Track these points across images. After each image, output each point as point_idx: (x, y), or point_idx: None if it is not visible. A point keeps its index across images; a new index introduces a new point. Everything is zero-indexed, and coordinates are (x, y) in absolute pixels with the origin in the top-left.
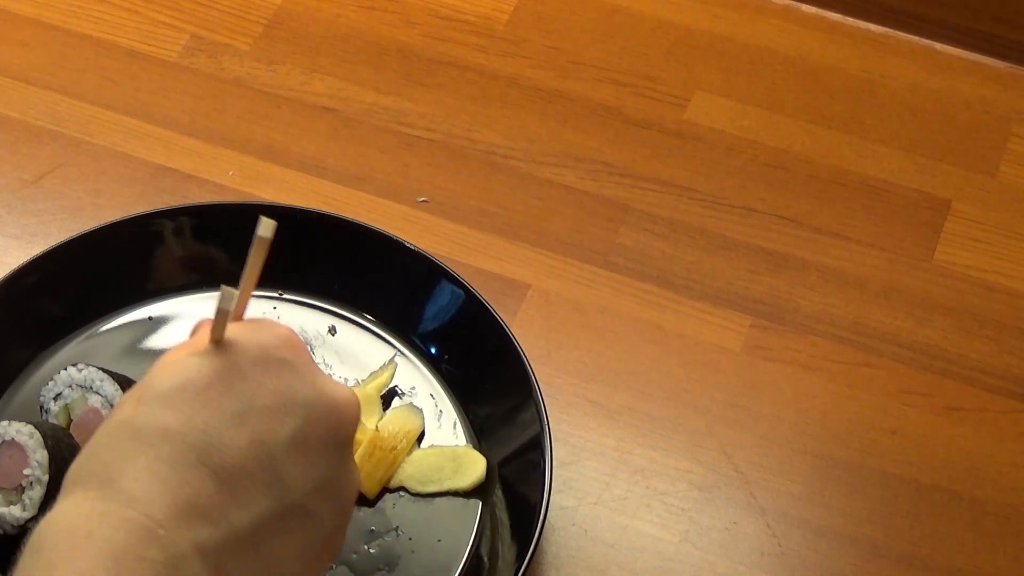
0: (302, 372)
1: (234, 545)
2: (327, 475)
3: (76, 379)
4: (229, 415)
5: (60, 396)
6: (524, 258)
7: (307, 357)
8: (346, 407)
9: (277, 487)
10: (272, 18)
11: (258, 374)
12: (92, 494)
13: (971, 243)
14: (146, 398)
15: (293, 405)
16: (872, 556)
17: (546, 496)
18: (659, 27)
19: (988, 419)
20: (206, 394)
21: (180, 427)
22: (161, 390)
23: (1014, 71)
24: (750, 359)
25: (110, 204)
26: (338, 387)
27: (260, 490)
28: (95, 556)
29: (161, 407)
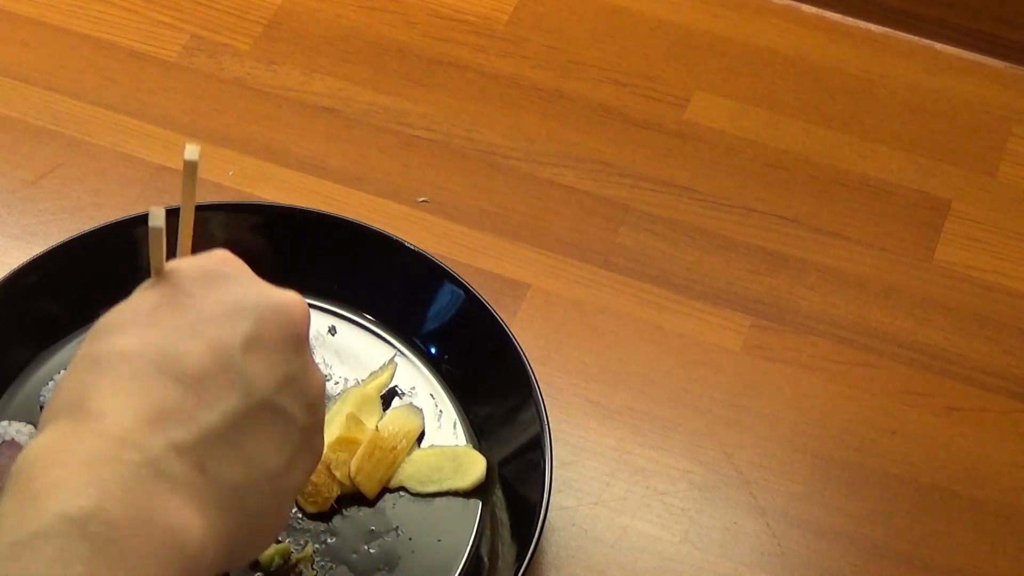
0: (245, 282)
1: (210, 441)
2: (288, 372)
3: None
4: (182, 328)
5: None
6: (524, 258)
7: (247, 271)
8: (294, 307)
9: (241, 385)
10: (272, 18)
11: (202, 291)
12: (62, 423)
13: (971, 243)
14: (99, 332)
15: (242, 310)
16: (872, 556)
17: (546, 496)
18: (659, 27)
19: (988, 419)
20: (155, 315)
21: (135, 347)
22: (112, 322)
23: (1014, 71)
24: (750, 359)
25: (110, 204)
26: (283, 291)
27: (225, 389)
28: (72, 465)
29: (114, 335)
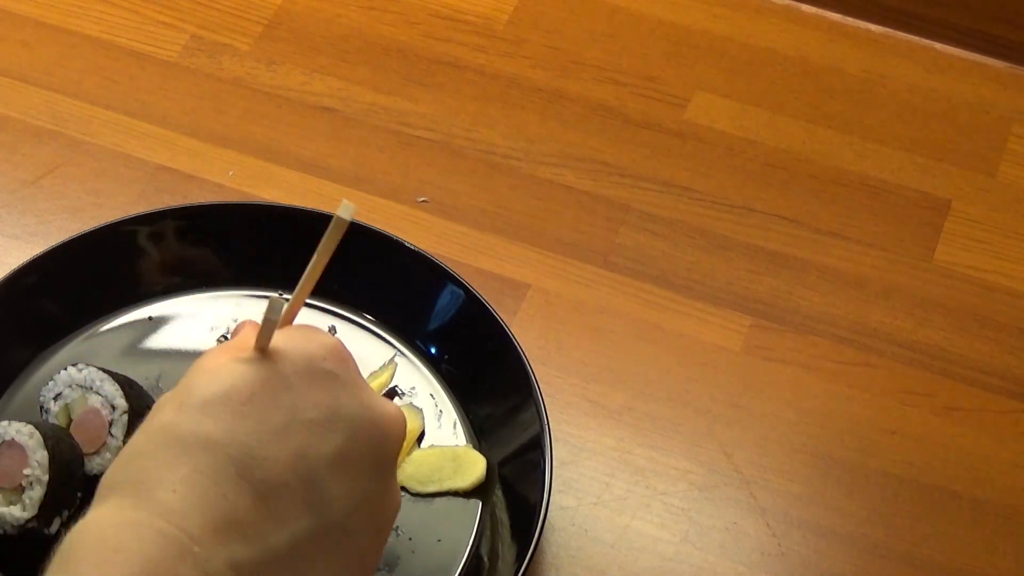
0: (348, 386)
1: (269, 564)
2: (368, 494)
3: (76, 379)
4: (272, 428)
5: (60, 396)
6: (524, 258)
7: (354, 370)
8: (392, 424)
9: (317, 505)
10: (272, 18)
11: (303, 386)
12: (126, 502)
13: (971, 243)
14: (187, 404)
15: (338, 420)
16: (872, 556)
17: (546, 496)
18: (659, 27)
19: (988, 419)
20: (249, 404)
21: (221, 438)
22: (203, 397)
23: (1014, 71)
24: (750, 359)
25: (110, 204)
26: (385, 403)
27: (300, 507)
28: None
29: (202, 415)
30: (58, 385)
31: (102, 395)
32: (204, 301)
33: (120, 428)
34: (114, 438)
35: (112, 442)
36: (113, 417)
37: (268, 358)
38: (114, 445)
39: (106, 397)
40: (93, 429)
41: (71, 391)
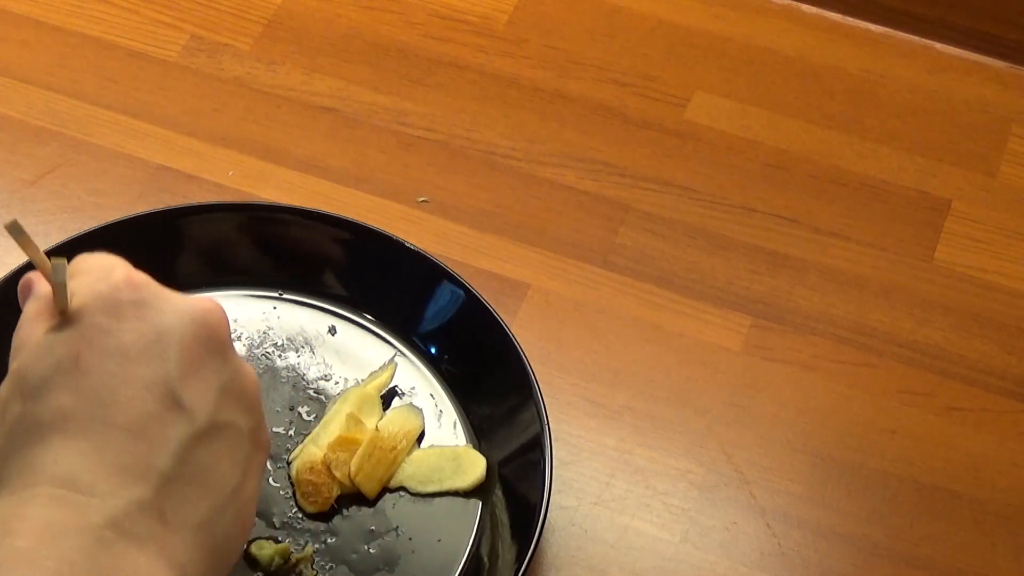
0: (156, 303)
1: (167, 486)
2: (221, 383)
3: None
4: (112, 372)
5: None
6: (524, 258)
7: (152, 286)
8: (210, 314)
9: (183, 415)
10: (272, 18)
11: (117, 324)
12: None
13: (971, 243)
14: (28, 391)
15: (163, 335)
16: (872, 556)
17: (546, 496)
18: (659, 27)
19: (988, 419)
20: (81, 363)
21: (73, 402)
22: (39, 378)
23: (1014, 71)
24: (750, 359)
25: (110, 204)
26: (193, 300)
27: (170, 426)
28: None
29: (47, 392)
30: None
31: None
32: None
33: None
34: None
35: None
36: None
37: (73, 315)
38: None
39: None
40: None
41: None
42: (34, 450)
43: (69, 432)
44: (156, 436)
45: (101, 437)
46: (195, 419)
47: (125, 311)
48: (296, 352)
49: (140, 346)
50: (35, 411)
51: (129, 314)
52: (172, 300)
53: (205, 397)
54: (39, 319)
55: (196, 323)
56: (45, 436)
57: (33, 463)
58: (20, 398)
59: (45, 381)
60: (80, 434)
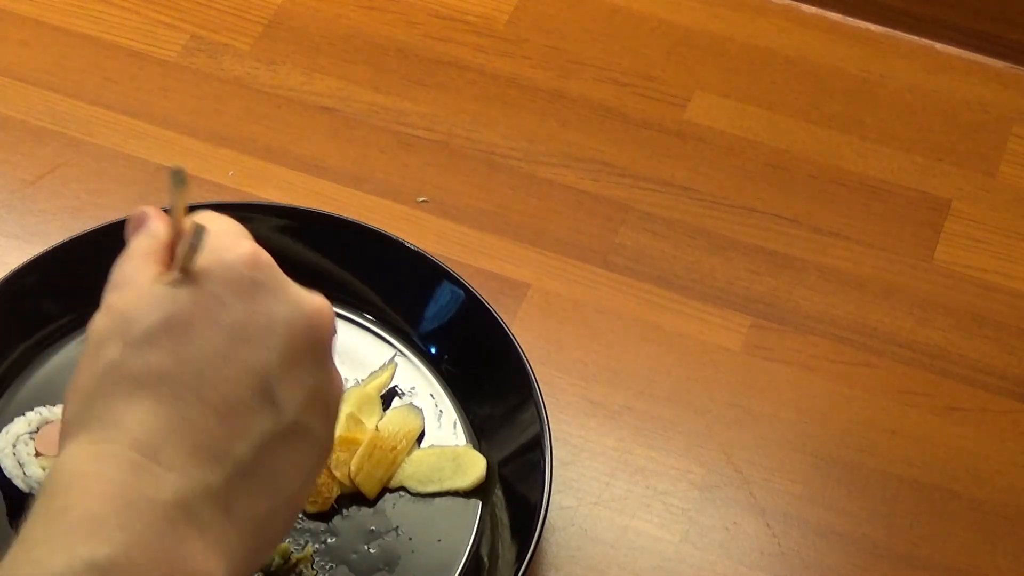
0: (275, 289)
1: (239, 478)
2: (314, 386)
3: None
4: (217, 348)
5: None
6: (524, 258)
7: (274, 270)
8: (321, 315)
9: (272, 410)
10: (272, 18)
11: (235, 300)
12: (97, 436)
13: (971, 243)
14: (131, 339)
15: (274, 325)
16: (872, 556)
17: (546, 496)
18: (659, 27)
19: (988, 419)
20: (190, 330)
21: (172, 368)
22: (145, 330)
23: (1014, 71)
24: (750, 359)
25: (110, 204)
26: (311, 296)
27: (257, 417)
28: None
29: (149, 348)
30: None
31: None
32: None
33: None
34: None
35: None
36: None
37: (194, 277)
38: None
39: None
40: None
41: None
42: (122, 404)
43: (161, 397)
44: (241, 424)
45: (190, 411)
46: (281, 417)
47: (244, 289)
48: None
49: (250, 329)
50: (133, 363)
51: (247, 293)
52: (289, 289)
53: (296, 397)
54: (148, 260)
55: (306, 319)
56: (136, 393)
57: (118, 418)
58: (120, 342)
59: (150, 335)
60: (171, 402)
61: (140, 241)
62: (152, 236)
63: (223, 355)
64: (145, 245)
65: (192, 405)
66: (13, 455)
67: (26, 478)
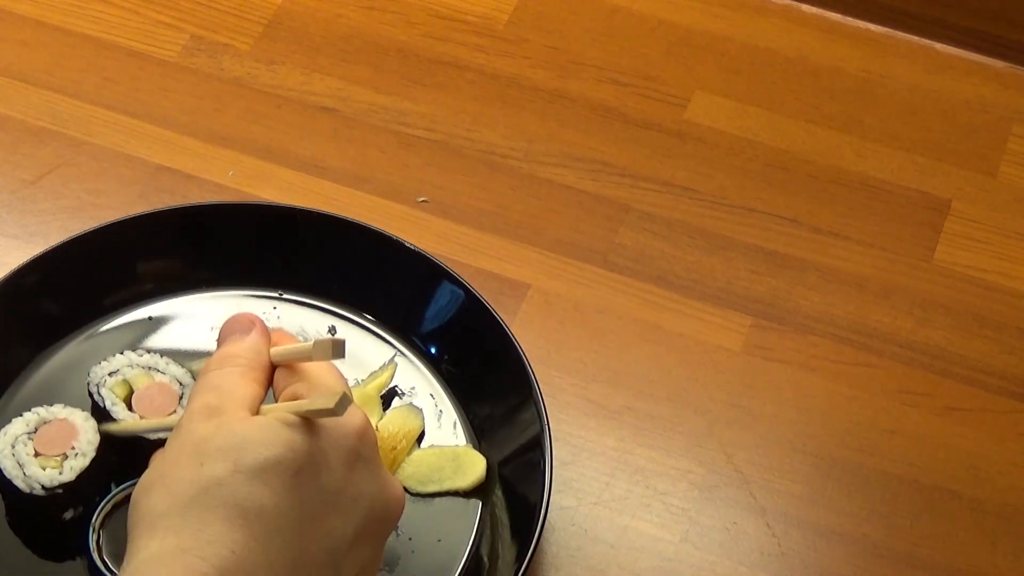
0: (372, 468)
1: None
2: (370, 559)
3: (136, 361)
4: (312, 507)
5: (117, 372)
6: (524, 258)
7: (375, 447)
8: (398, 504)
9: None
10: (272, 18)
11: (339, 465)
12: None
13: (971, 243)
14: (242, 466)
15: (361, 500)
16: (872, 556)
17: (546, 496)
18: (659, 27)
19: (988, 419)
20: (297, 478)
21: (273, 510)
22: (257, 462)
23: (1014, 71)
24: (750, 359)
25: (110, 204)
26: (395, 483)
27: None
28: None
29: (257, 482)
30: (112, 364)
31: (168, 375)
32: (204, 301)
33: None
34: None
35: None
36: (184, 391)
37: (313, 430)
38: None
39: (174, 376)
40: (160, 399)
41: (130, 369)
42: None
43: (256, 534)
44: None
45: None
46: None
47: (350, 458)
48: None
49: (342, 498)
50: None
51: (350, 463)
52: (381, 470)
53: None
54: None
55: (385, 503)
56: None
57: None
58: (231, 463)
59: (261, 469)
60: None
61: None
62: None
63: (315, 515)
64: (246, 358)
65: (278, 551)
66: (12, 455)
67: (26, 478)
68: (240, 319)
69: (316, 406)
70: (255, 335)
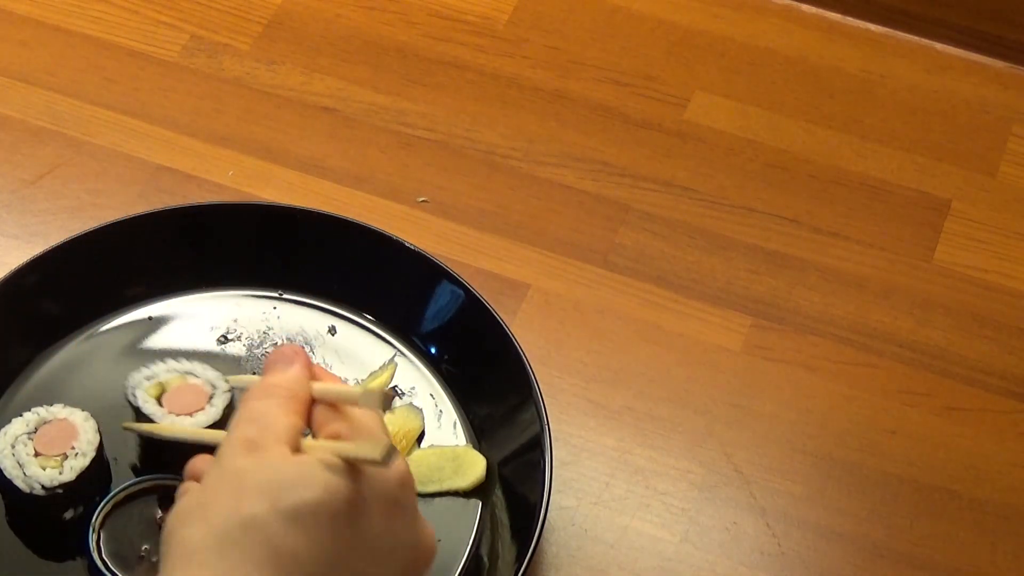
0: (409, 516)
1: None
2: None
3: (175, 367)
4: (348, 551)
5: (153, 376)
6: (524, 258)
7: (414, 496)
8: (431, 551)
9: None
10: (272, 18)
11: (378, 514)
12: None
13: (971, 243)
14: (282, 506)
15: (397, 548)
16: (872, 556)
17: (546, 496)
18: (659, 27)
19: (988, 419)
20: (334, 523)
21: (307, 555)
22: (297, 503)
23: (1014, 71)
24: (750, 359)
25: (110, 204)
26: (429, 533)
27: None
28: None
29: (294, 525)
30: (152, 371)
31: (203, 378)
32: (204, 301)
33: (221, 400)
34: (213, 407)
35: (211, 410)
36: (214, 392)
37: (354, 476)
38: (212, 412)
39: (208, 379)
40: (190, 397)
41: (167, 373)
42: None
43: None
44: None
45: None
46: None
47: (389, 507)
48: None
49: (378, 545)
50: (275, 531)
51: (389, 511)
52: (418, 519)
53: None
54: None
55: (418, 552)
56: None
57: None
58: (269, 502)
59: (299, 512)
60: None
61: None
62: (298, 383)
63: (349, 562)
64: (288, 389)
65: None
66: (12, 455)
67: (26, 478)
68: (285, 351)
69: (361, 453)
70: (298, 367)
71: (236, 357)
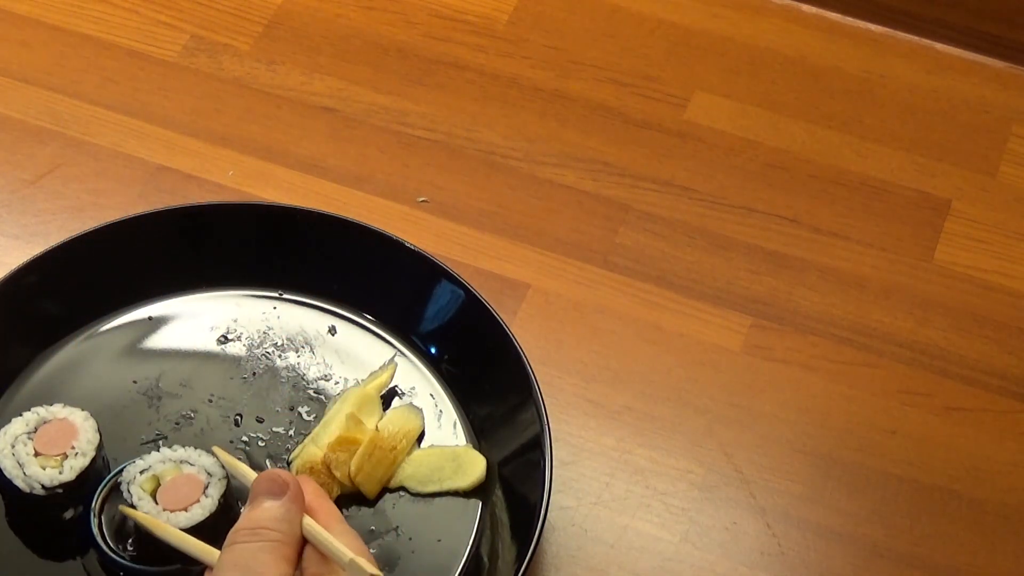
0: None
1: None
2: None
3: (170, 457)
4: None
5: (148, 469)
6: (524, 258)
7: None
8: None
9: None
10: (272, 18)
11: None
12: None
13: (971, 243)
14: None
15: None
16: (872, 556)
17: (546, 496)
18: (659, 27)
19: (988, 419)
20: None
21: None
22: None
23: (1014, 71)
24: (750, 359)
25: (110, 204)
26: None
27: None
28: None
29: None
30: (146, 462)
31: (198, 466)
32: (204, 301)
33: (216, 490)
34: (208, 498)
35: (206, 501)
36: (210, 481)
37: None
38: (208, 504)
39: (203, 467)
40: (184, 489)
41: (161, 465)
42: None
43: None
44: None
45: None
46: None
47: None
48: (296, 352)
49: None
50: None
51: None
52: None
53: None
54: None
55: None
56: None
57: None
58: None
59: None
60: None
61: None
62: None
63: None
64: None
65: None
66: (12, 455)
67: (26, 478)
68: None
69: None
70: (287, 503)
71: (236, 357)
